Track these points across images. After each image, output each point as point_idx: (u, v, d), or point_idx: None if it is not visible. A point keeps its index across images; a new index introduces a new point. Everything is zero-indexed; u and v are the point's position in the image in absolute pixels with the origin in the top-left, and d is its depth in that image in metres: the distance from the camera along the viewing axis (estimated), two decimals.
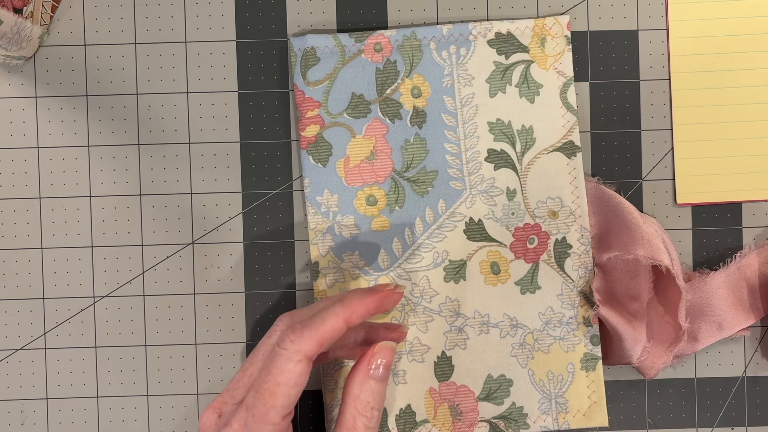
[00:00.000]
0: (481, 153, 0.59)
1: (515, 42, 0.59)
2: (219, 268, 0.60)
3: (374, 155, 0.59)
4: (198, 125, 0.60)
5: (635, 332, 0.58)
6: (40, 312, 0.60)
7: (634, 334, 0.58)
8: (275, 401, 0.49)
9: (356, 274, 0.59)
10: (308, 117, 0.59)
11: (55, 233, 0.60)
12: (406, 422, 0.59)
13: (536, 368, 0.59)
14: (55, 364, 0.61)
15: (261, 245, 0.60)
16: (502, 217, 0.59)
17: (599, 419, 0.59)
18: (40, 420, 0.61)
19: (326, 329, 0.50)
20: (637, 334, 0.58)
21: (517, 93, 0.59)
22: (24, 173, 0.60)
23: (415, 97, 0.59)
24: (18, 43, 0.57)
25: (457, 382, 0.59)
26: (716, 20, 0.60)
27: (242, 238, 0.60)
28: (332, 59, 0.59)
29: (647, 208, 0.61)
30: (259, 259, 0.60)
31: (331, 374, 0.59)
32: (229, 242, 0.60)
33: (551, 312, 0.59)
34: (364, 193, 0.59)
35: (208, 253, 0.60)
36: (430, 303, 0.59)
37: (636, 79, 0.60)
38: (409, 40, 0.59)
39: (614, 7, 0.60)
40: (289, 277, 0.60)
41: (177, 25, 0.60)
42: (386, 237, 0.59)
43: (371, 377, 0.52)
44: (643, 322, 0.59)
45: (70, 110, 0.60)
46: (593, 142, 0.60)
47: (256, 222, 0.60)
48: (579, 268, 0.59)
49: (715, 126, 0.60)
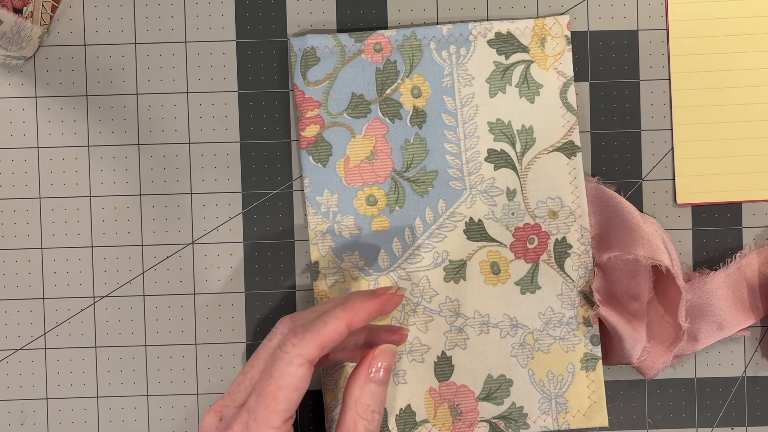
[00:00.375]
0: (481, 153, 0.59)
1: (515, 42, 0.59)
2: (219, 268, 0.60)
3: (374, 155, 0.59)
4: (198, 125, 0.60)
5: (635, 332, 0.58)
6: (40, 312, 0.60)
7: (634, 334, 0.58)
8: (277, 405, 0.49)
9: (356, 275, 0.59)
10: (308, 117, 0.59)
11: (55, 233, 0.60)
12: (406, 422, 0.59)
13: (536, 368, 0.59)
14: (55, 364, 0.60)
15: (261, 245, 0.60)
16: (502, 217, 0.59)
17: (599, 419, 0.59)
18: (40, 420, 0.60)
19: (328, 333, 0.50)
20: (637, 334, 0.58)
21: (517, 93, 0.59)
22: (24, 173, 0.60)
23: (415, 97, 0.59)
24: (18, 43, 0.57)
25: (457, 382, 0.59)
26: (716, 20, 0.60)
27: (242, 238, 0.60)
28: (332, 59, 0.59)
29: (647, 208, 0.60)
30: (259, 260, 0.60)
31: (331, 374, 0.59)
32: (229, 242, 0.60)
33: (551, 312, 0.59)
34: (364, 193, 0.59)
35: (208, 253, 0.60)
36: (430, 303, 0.59)
37: (636, 79, 0.60)
38: (409, 40, 0.59)
39: (614, 7, 0.60)
40: (290, 278, 0.60)
41: (177, 25, 0.60)
42: (386, 237, 0.59)
43: (372, 380, 0.52)
44: (643, 322, 0.59)
45: (70, 110, 0.60)
46: (593, 142, 0.60)
47: (256, 222, 0.60)
48: (579, 268, 0.59)
49: (715, 126, 0.60)
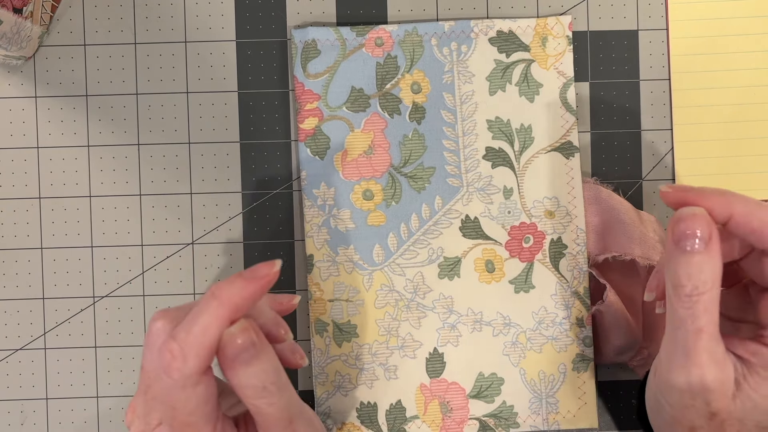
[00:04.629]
0: (479, 151, 0.59)
1: (516, 41, 0.59)
2: (219, 268, 0.60)
3: (372, 150, 0.59)
4: (198, 125, 0.60)
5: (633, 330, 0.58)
6: (40, 312, 0.60)
7: (632, 330, 0.58)
8: (197, 428, 0.46)
9: (351, 269, 0.59)
10: (307, 109, 0.59)
11: (55, 233, 0.60)
12: (396, 418, 0.59)
13: (528, 367, 0.59)
14: (55, 364, 0.61)
15: (261, 245, 0.60)
16: (498, 215, 0.59)
17: (589, 420, 0.59)
18: (40, 420, 0.61)
19: (210, 338, 0.44)
20: (634, 333, 0.58)
21: (516, 92, 0.59)
22: (24, 173, 0.60)
23: (415, 92, 0.59)
24: (18, 43, 0.57)
25: (449, 379, 0.59)
26: (716, 20, 0.60)
27: (242, 238, 0.60)
28: (333, 52, 0.59)
29: (647, 208, 0.60)
30: (259, 259, 0.60)
31: (322, 368, 0.59)
32: (229, 242, 0.60)
33: (544, 312, 0.59)
34: (360, 188, 0.59)
35: (208, 253, 0.60)
36: (423, 299, 0.59)
37: (636, 79, 0.60)
38: (411, 35, 0.59)
39: (614, 7, 0.60)
40: (289, 278, 0.60)
41: (177, 25, 0.60)
42: (382, 232, 0.59)
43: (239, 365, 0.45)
44: (639, 322, 0.58)
45: (69, 110, 0.60)
46: (593, 142, 0.60)
47: (256, 222, 0.60)
48: (574, 268, 0.59)
49: (715, 126, 0.60)
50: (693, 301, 0.46)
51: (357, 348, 0.59)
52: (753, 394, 0.47)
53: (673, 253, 0.46)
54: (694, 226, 0.46)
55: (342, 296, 0.59)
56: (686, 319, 0.46)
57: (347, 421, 0.59)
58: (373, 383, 0.59)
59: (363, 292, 0.59)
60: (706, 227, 0.46)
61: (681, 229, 0.46)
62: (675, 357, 0.47)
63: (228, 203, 0.60)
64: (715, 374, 0.46)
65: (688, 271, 0.46)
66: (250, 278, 0.45)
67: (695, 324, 0.46)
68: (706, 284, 0.46)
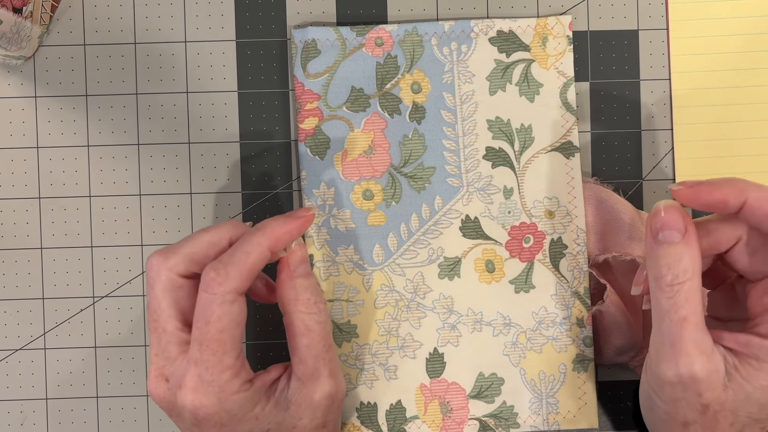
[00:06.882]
0: (479, 150, 0.59)
1: (517, 40, 0.59)
2: None
3: (372, 150, 0.59)
4: (198, 125, 0.60)
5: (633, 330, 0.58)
6: (40, 312, 0.60)
7: (632, 331, 0.58)
8: (225, 347, 0.49)
9: (351, 268, 0.59)
10: (307, 109, 0.59)
11: (55, 233, 0.60)
12: (396, 418, 0.59)
13: (528, 368, 0.59)
14: (54, 364, 0.61)
15: None
16: (498, 215, 0.59)
17: (589, 420, 0.59)
18: (40, 420, 0.60)
19: (252, 261, 0.50)
20: (634, 334, 0.58)
21: (517, 91, 0.59)
22: (24, 173, 0.60)
23: (415, 92, 0.59)
24: (18, 43, 0.57)
25: (449, 379, 0.59)
26: (716, 20, 0.60)
27: None
28: (333, 52, 0.59)
29: (647, 208, 0.60)
30: None
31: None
32: None
33: (545, 312, 0.59)
34: (360, 188, 0.59)
35: None
36: (423, 299, 0.59)
37: (636, 79, 0.60)
38: (411, 35, 0.59)
39: (614, 7, 0.60)
40: None
41: (177, 25, 0.60)
42: (382, 232, 0.59)
43: (297, 277, 0.53)
44: (639, 322, 0.58)
45: (69, 110, 0.60)
46: (593, 142, 0.60)
47: (256, 222, 0.60)
48: (574, 268, 0.59)
49: (715, 126, 0.60)
50: (675, 290, 0.47)
51: (357, 348, 0.59)
52: (746, 385, 0.48)
53: (652, 246, 0.48)
54: (670, 218, 0.48)
55: (342, 296, 0.59)
56: (669, 309, 0.48)
57: (347, 421, 0.59)
58: (373, 383, 0.59)
59: (363, 292, 0.59)
60: (681, 219, 0.48)
61: (658, 222, 0.48)
62: (663, 349, 0.48)
63: (228, 203, 0.60)
64: (703, 363, 0.47)
65: (667, 261, 0.48)
66: (290, 217, 0.53)
67: (678, 313, 0.47)
68: (686, 273, 0.47)
